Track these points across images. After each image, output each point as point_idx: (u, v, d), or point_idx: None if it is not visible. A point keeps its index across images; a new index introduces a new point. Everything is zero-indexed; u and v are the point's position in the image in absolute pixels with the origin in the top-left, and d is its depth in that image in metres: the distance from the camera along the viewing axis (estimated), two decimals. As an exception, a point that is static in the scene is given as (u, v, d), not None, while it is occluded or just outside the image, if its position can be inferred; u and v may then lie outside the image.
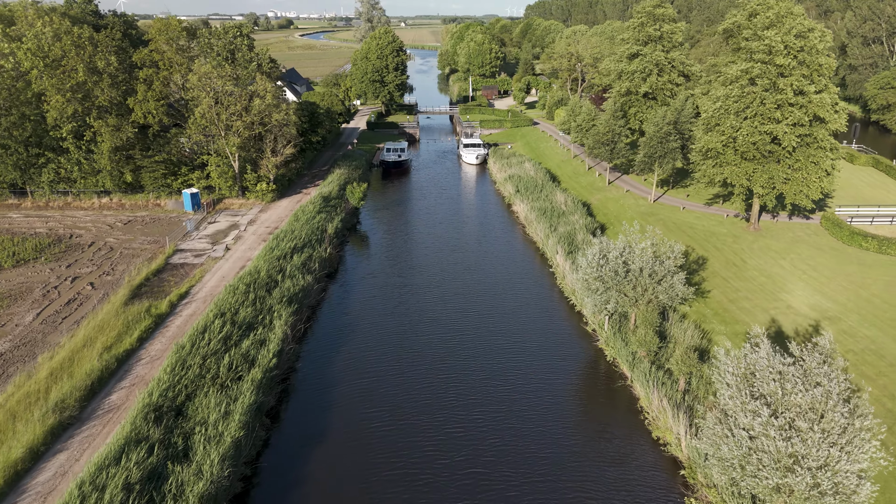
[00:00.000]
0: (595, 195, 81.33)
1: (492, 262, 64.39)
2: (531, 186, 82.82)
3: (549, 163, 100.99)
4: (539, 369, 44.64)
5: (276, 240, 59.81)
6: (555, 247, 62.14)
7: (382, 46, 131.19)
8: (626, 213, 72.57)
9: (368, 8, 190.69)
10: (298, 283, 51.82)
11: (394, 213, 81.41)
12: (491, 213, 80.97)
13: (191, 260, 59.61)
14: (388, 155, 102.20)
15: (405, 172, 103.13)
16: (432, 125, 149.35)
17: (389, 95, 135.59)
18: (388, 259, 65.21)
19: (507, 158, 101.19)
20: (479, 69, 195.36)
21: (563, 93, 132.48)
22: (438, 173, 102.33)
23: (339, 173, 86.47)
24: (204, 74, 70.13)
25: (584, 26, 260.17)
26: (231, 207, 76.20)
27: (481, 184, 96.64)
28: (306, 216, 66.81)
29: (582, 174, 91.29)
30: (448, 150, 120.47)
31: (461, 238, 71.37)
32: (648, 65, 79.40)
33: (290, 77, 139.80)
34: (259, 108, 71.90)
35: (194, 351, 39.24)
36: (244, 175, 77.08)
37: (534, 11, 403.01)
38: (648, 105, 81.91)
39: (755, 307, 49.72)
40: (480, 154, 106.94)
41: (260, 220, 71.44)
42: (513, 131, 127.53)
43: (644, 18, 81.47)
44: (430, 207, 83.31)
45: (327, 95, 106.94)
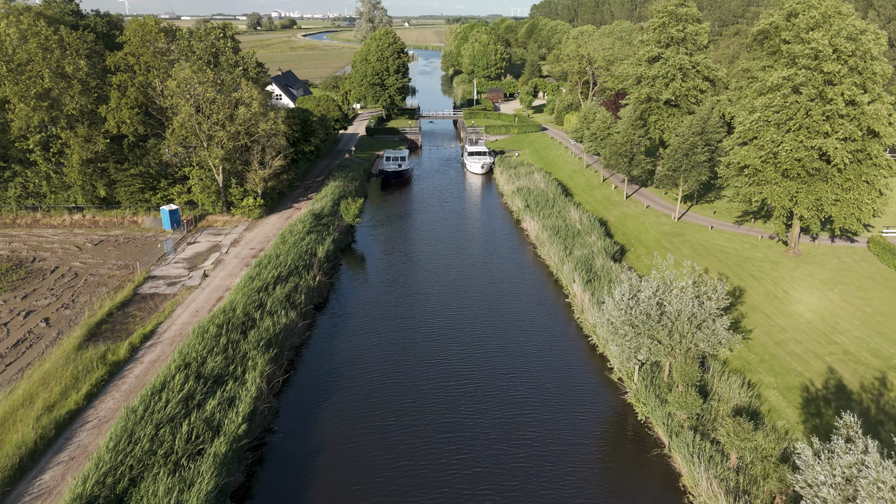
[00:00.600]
0: (612, 211, 74.58)
1: (500, 289, 57.74)
2: (542, 201, 76.18)
3: (559, 173, 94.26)
4: (557, 429, 37.98)
5: (258, 267, 53.26)
6: (571, 274, 55.44)
7: (383, 48, 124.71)
8: (647, 233, 65.83)
9: (370, 8, 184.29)
10: (280, 320, 45.26)
11: (393, 229, 74.84)
12: (498, 231, 74.31)
13: (162, 289, 53.11)
14: (388, 164, 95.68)
15: (406, 182, 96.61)
16: (435, 130, 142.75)
17: (390, 99, 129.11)
18: (385, 285, 58.62)
19: (514, 168, 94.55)
20: (483, 71, 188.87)
21: (573, 97, 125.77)
22: (441, 184, 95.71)
23: (334, 186, 79.91)
24: (183, 80, 63.70)
25: (591, 26, 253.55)
26: (214, 225, 69.71)
27: (487, 196, 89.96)
28: (294, 237, 60.28)
29: (596, 186, 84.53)
30: (452, 158, 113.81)
31: (466, 260, 64.75)
32: (671, 69, 72.68)
33: (286, 80, 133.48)
34: (244, 117, 65.42)
35: (147, 416, 32.72)
36: (229, 189, 70.66)
37: (539, 11, 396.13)
38: (670, 113, 75.15)
39: (806, 352, 42.94)
40: (486, 163, 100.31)
41: (245, 240, 64.94)
42: (520, 137, 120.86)
43: (665, 18, 74.70)
44: (432, 223, 76.74)
45: (323, 100, 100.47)
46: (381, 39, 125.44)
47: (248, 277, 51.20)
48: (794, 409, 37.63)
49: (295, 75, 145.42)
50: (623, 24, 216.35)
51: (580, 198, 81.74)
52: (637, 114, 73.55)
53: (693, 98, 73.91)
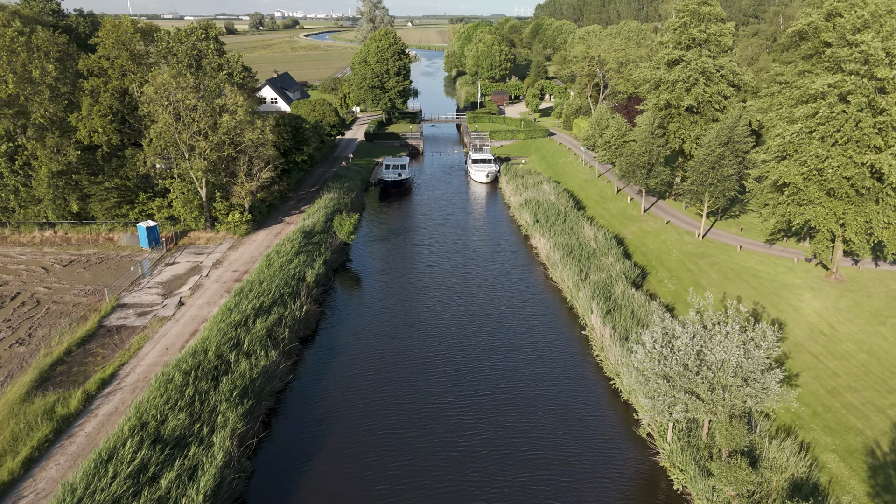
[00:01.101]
0: (629, 227, 68.78)
1: (508, 319, 52.02)
2: (552, 215, 70.45)
3: (570, 183, 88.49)
4: (577, 498, 32.29)
5: (238, 296, 47.62)
6: (588, 303, 49.70)
7: (382, 49, 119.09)
8: (669, 254, 60.04)
9: (371, 7, 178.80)
10: (259, 362, 39.64)
11: (391, 245, 69.19)
12: (505, 248, 68.58)
13: (131, 321, 47.55)
14: (387, 173, 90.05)
15: (406, 192, 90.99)
16: (438, 135, 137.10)
17: (390, 103, 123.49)
18: (381, 313, 52.96)
19: (521, 177, 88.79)
20: (487, 72, 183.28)
21: (582, 100, 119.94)
22: (444, 194, 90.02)
23: (328, 198, 74.22)
24: (161, 85, 58.15)
25: (597, 26, 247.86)
26: (197, 243, 64.16)
27: (493, 207, 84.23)
28: (281, 259, 54.64)
29: (610, 199, 78.72)
30: (455, 165, 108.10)
31: (470, 282, 59.06)
32: (693, 73, 66.89)
33: (282, 82, 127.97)
34: (228, 126, 59.84)
35: (87, 498, 27.12)
36: (213, 204, 65.11)
37: (544, 11, 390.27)
38: (692, 120, 69.32)
39: (865, 403, 37.17)
40: (491, 171, 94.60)
41: (228, 261, 59.36)
42: (526, 143, 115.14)
43: (687, 18, 68.87)
44: (434, 239, 71.07)
45: (319, 105, 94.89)
46: (380, 40, 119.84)
47: (225, 309, 45.57)
48: (859, 479, 31.88)
49: (292, 77, 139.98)
50: (631, 25, 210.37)
51: (593, 211, 75.95)
52: (656, 122, 67.73)
53: (717, 104, 68.06)
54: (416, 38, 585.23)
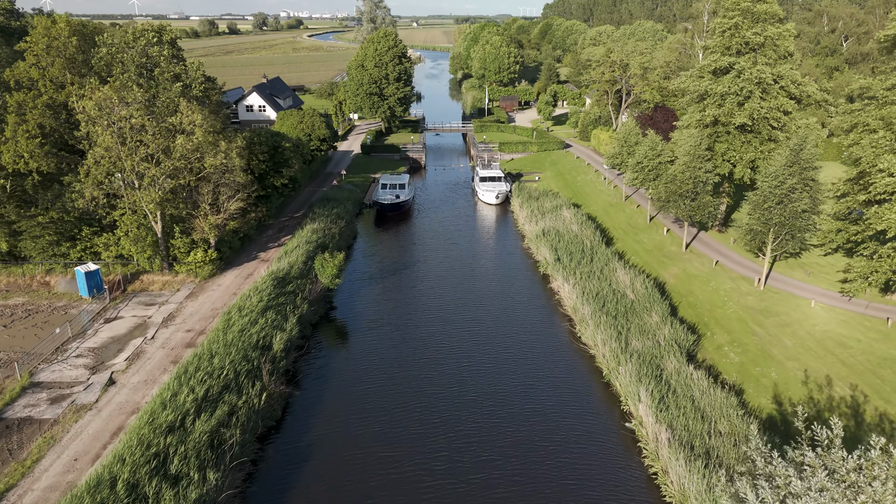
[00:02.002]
0: (669, 267, 57.53)
1: (527, 396, 40.89)
2: (576, 251, 59.33)
3: (592, 206, 77.27)
4: None
5: (179, 378, 36.65)
6: (634, 386, 38.51)
7: (381, 52, 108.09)
8: (725, 308, 48.76)
9: (371, 7, 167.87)
10: (190, 495, 28.65)
11: (384, 288, 58.18)
12: (520, 291, 57.42)
13: (41, 410, 36.67)
14: (384, 194, 79.05)
15: (405, 215, 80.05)
16: (442, 145, 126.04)
17: (390, 111, 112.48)
18: (369, 389, 41.90)
19: (536, 200, 77.64)
20: (495, 75, 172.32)
21: (601, 108, 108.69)
22: (448, 217, 78.91)
23: (312, 229, 63.12)
24: (102, 100, 47.28)
25: (609, 26, 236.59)
26: (150, 288, 53.27)
27: (504, 236, 73.03)
28: (244, 320, 43.65)
29: (642, 229, 67.40)
30: (461, 182, 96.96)
31: (478, 341, 47.94)
32: (747, 84, 55.68)
33: (271, 88, 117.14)
34: (183, 150, 48.93)
35: None
36: (171, 241, 54.26)
37: (552, 11, 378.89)
38: (745, 140, 58.03)
39: None
40: (502, 191, 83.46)
41: (183, 315, 48.44)
42: (540, 156, 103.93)
43: (738, 18, 57.59)
44: (436, 277, 60.04)
45: (307, 116, 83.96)
46: (379, 43, 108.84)
47: (159, 401, 34.62)
48: None
49: (283, 82, 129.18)
50: (645, 25, 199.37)
51: (624, 245, 64.72)
52: (703, 142, 56.40)
53: (775, 122, 56.71)
54: (421, 38, 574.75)
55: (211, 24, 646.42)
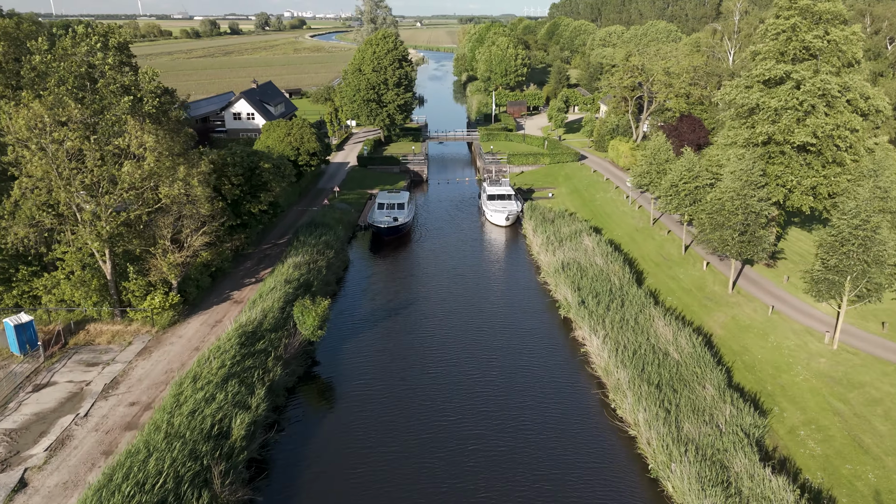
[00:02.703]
0: (714, 313, 48.60)
1: (555, 501, 32.12)
2: (602, 291, 50.50)
3: (615, 230, 68.38)
4: None
5: (101, 490, 27.94)
6: (695, 496, 29.63)
7: (380, 55, 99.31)
8: (792, 373, 39.81)
9: (371, 6, 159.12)
10: None
11: (377, 335, 49.39)
12: (538, 342, 48.53)
13: (-80, 534, 28.08)
14: (381, 216, 70.38)
15: (404, 238, 71.39)
16: (445, 154, 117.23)
17: (389, 119, 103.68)
18: (352, 487, 33.18)
19: (552, 223, 68.78)
20: (501, 78, 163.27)
21: (618, 116, 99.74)
22: (452, 242, 70.07)
23: (295, 263, 54.26)
24: (32, 118, 38.62)
25: (619, 27, 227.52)
26: (97, 341, 44.58)
27: (516, 267, 64.14)
28: (198, 395, 34.90)
29: (677, 261, 58.46)
30: (466, 198, 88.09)
31: (488, 408, 39.12)
32: (808, 96, 46.84)
33: (261, 94, 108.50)
34: (132, 179, 40.24)
35: None
36: (124, 283, 45.64)
37: (559, 10, 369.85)
38: (805, 162, 49.13)
39: None
40: (512, 212, 74.59)
41: (131, 380, 39.77)
42: (552, 169, 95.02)
43: (796, 19, 48.69)
44: (438, 320, 51.25)
45: (295, 128, 75.24)
46: (377, 45, 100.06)
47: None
48: None
49: (275, 87, 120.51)
50: (658, 25, 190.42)
51: (657, 281, 55.78)
52: (756, 166, 47.41)
53: (841, 141, 47.71)
54: (424, 38, 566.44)
55: (212, 25, 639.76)
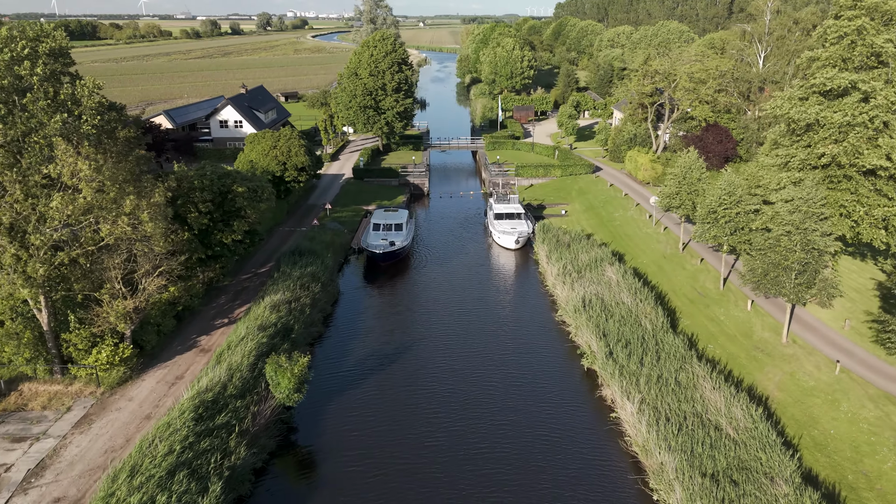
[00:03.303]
0: (767, 369, 40.94)
1: None
2: (633, 336, 43.01)
3: (640, 256, 60.76)
4: None
5: None
6: None
7: (377, 58, 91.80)
8: (880, 459, 32.17)
9: (371, 6, 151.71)
10: None
11: (368, 389, 41.84)
12: (557, 400, 40.89)
13: None
14: (376, 239, 62.95)
15: (402, 263, 63.99)
16: (448, 164, 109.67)
17: (388, 127, 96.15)
18: None
19: (567, 247, 61.24)
20: (507, 81, 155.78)
21: (634, 125, 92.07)
22: (456, 268, 62.58)
23: (273, 303, 46.58)
24: (-59, 141, 31.20)
25: (627, 27, 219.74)
26: (30, 405, 37.12)
27: (529, 300, 56.53)
28: (137, 496, 27.41)
29: (715, 297, 50.73)
30: (471, 215, 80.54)
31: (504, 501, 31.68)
32: (881, 112, 39.33)
33: (251, 100, 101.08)
34: (63, 215, 32.80)
35: None
36: (64, 335, 38.23)
37: (565, 10, 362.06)
38: (875, 189, 41.59)
39: None
40: (522, 234, 67.01)
41: (62, 462, 32.31)
42: (564, 182, 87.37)
43: (863, 20, 41.10)
44: (438, 370, 43.73)
45: (282, 140, 67.83)
46: (374, 47, 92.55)
47: None
48: None
49: (267, 92, 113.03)
50: (669, 26, 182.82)
51: (694, 323, 48.09)
52: (818, 192, 39.76)
53: (920, 164, 40.02)
54: (427, 38, 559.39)
55: (213, 25, 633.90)
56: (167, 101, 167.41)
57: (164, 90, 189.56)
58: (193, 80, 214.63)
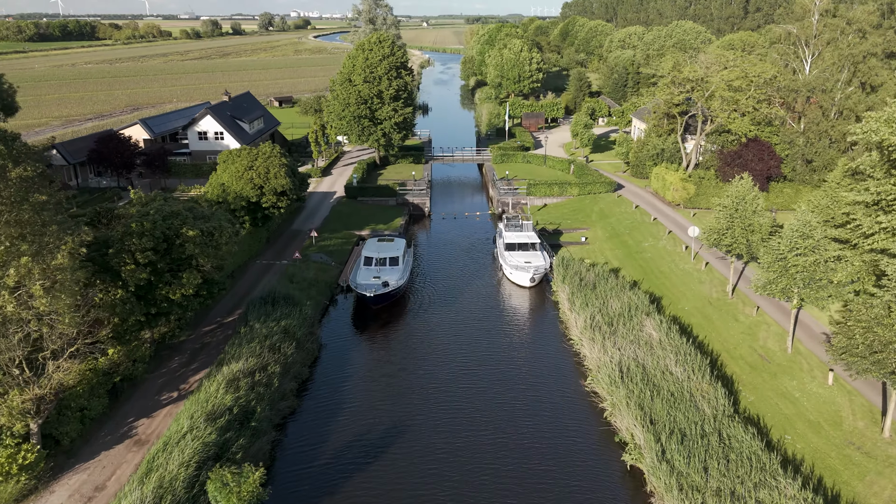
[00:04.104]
0: (870, 478, 31.19)
1: None
2: (688, 425, 33.43)
3: (681, 301, 51.08)
4: None
5: None
6: None
7: (373, 63, 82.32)
8: None
9: (370, 6, 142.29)
10: None
11: (346, 496, 32.40)
12: (595, 513, 31.48)
13: None
14: (367, 277, 53.52)
15: (398, 303, 54.61)
16: (452, 178, 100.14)
17: (385, 139, 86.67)
18: None
19: (593, 288, 51.66)
20: (514, 85, 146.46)
21: (662, 139, 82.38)
22: (460, 314, 53.00)
23: (230, 375, 37.02)
24: None
25: (640, 27, 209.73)
26: None
27: (549, 358, 46.79)
28: None
29: (784, 364, 40.90)
30: (478, 241, 70.93)
31: None
32: None
33: (234, 110, 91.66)
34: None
35: None
36: (-58, 437, 28.84)
37: (572, 10, 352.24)
38: None
39: None
40: (539, 270, 57.35)
41: None
42: (583, 202, 77.73)
43: None
44: (439, 464, 34.24)
45: (261, 158, 58.41)
46: (370, 51, 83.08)
47: None
48: None
49: (254, 98, 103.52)
50: (684, 26, 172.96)
51: (760, 401, 38.27)
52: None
53: None
54: (431, 39, 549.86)
55: (214, 25, 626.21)
56: (155, 105, 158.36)
57: (155, 93, 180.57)
58: (186, 83, 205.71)
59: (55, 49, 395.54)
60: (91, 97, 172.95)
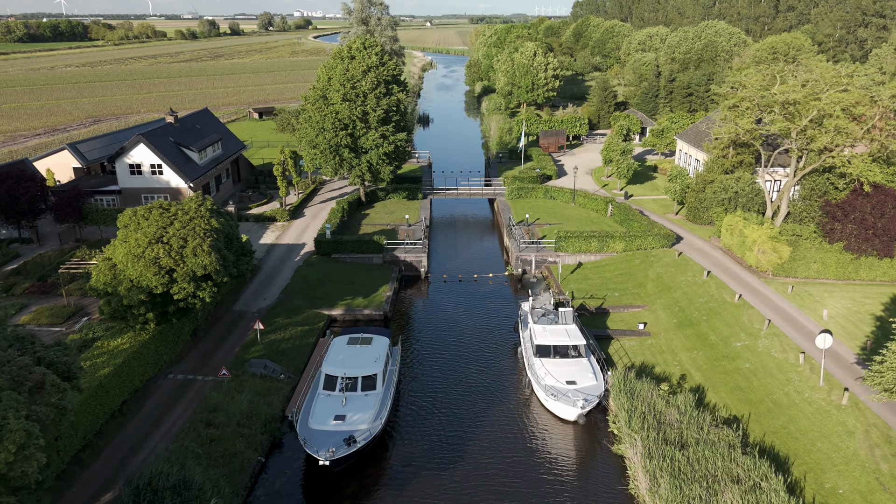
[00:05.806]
0: None
1: None
2: None
3: (826, 470, 31.52)
4: None
5: None
6: None
7: (354, 77, 63.05)
8: None
9: (362, 4, 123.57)
10: None
11: None
12: None
13: None
14: (325, 418, 34.43)
15: (370, 456, 35.35)
16: (456, 217, 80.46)
17: (371, 173, 67.38)
18: None
19: (681, 447, 32.33)
20: (527, 94, 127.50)
21: (735, 179, 62.90)
22: (470, 473, 33.74)
23: None
24: None
25: (662, 27, 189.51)
26: None
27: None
28: None
29: None
30: (494, 322, 51.36)
31: None
32: None
33: (178, 133, 72.21)
34: None
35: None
36: None
37: (583, 10, 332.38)
38: None
39: None
40: (591, 397, 37.93)
41: None
42: (630, 263, 58.17)
43: None
44: None
45: (178, 223, 39.25)
46: (351, 60, 63.84)
47: None
48: None
49: (213, 117, 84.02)
50: (717, 26, 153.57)
51: None
52: None
53: None
54: (434, 39, 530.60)
55: (211, 25, 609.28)
56: (118, 117, 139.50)
57: (124, 102, 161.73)
58: (165, 90, 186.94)
59: (40, 50, 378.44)
60: (52, 107, 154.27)
